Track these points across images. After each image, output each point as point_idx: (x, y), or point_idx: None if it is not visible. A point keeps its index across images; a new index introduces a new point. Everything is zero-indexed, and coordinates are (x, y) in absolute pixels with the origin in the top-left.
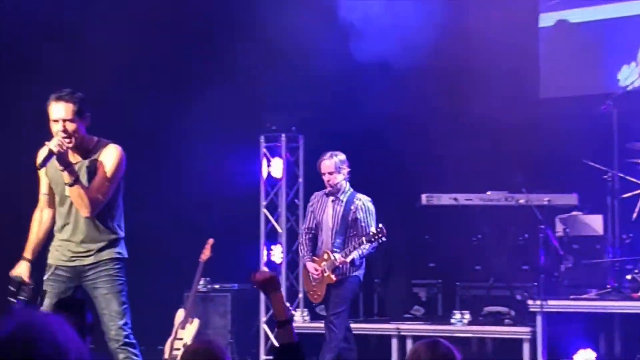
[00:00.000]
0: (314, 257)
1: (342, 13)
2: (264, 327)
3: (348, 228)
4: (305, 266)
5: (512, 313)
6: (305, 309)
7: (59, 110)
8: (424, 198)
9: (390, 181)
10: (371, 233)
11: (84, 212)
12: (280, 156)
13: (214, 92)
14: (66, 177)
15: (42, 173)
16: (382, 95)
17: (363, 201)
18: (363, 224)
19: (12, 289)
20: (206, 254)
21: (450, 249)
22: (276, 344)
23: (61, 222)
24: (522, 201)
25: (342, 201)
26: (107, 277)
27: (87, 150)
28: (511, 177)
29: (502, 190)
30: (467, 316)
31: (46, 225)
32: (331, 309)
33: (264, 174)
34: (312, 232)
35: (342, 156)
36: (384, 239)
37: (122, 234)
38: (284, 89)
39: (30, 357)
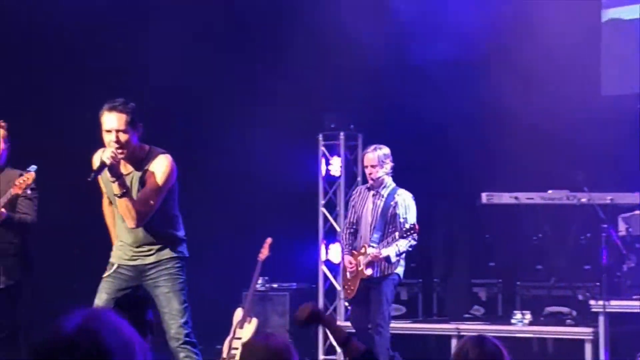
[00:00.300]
0: (353, 252)
1: (400, 9)
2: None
3: (387, 224)
4: (343, 260)
5: (574, 313)
6: None
7: (112, 121)
8: (484, 197)
9: (450, 180)
10: (404, 229)
11: (130, 223)
12: (339, 155)
13: (274, 91)
14: (116, 188)
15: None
16: (442, 93)
17: (404, 197)
18: (402, 220)
19: None
20: (264, 253)
21: (510, 248)
22: (334, 343)
23: (122, 224)
24: (584, 200)
25: (382, 196)
26: (168, 275)
27: (139, 160)
28: (572, 176)
29: (563, 189)
30: (528, 316)
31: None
32: (375, 311)
33: (323, 173)
34: (353, 226)
35: (386, 150)
36: (416, 236)
37: (180, 235)
38: (343, 88)
39: (98, 349)
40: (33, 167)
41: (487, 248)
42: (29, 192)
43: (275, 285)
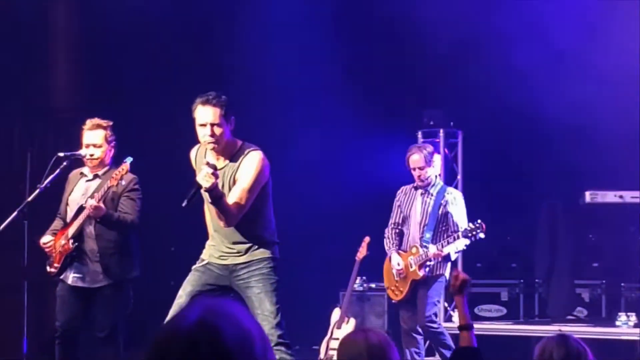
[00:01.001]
0: (400, 252)
1: (502, 8)
2: None
3: (438, 222)
4: (388, 260)
5: None
6: None
7: (207, 114)
8: (587, 196)
9: (553, 178)
10: (469, 228)
11: (224, 224)
12: (438, 152)
13: (372, 88)
14: (207, 197)
15: (194, 166)
16: (542, 91)
17: (454, 195)
18: (454, 219)
19: None
20: (362, 252)
21: (615, 248)
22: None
23: (214, 223)
24: None
25: (432, 194)
26: (260, 276)
27: (231, 155)
28: None
29: None
30: (634, 318)
31: None
32: (424, 312)
33: None
34: (399, 227)
35: (430, 148)
36: (482, 235)
37: (273, 237)
38: (442, 84)
39: (218, 342)
40: (129, 159)
41: (591, 248)
42: (130, 192)
43: (373, 285)
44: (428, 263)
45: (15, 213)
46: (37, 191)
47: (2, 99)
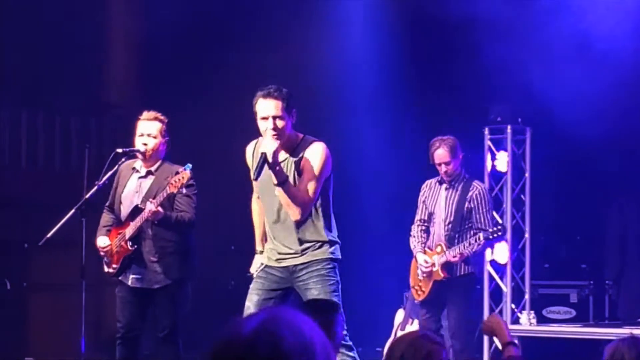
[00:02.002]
0: (427, 250)
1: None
2: None
3: (463, 219)
4: (415, 259)
5: None
6: (532, 312)
7: (269, 107)
8: None
9: (624, 175)
10: (490, 230)
11: (294, 214)
12: (506, 149)
13: (437, 83)
14: (274, 177)
15: (250, 162)
16: (615, 85)
17: (480, 189)
18: (478, 216)
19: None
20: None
21: None
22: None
23: (270, 223)
24: None
25: (456, 189)
26: (319, 277)
27: (292, 148)
28: None
29: None
30: None
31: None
32: (454, 317)
33: (488, 168)
34: (426, 224)
35: (452, 141)
36: (502, 236)
37: (333, 237)
38: (509, 79)
39: (277, 348)
40: (188, 166)
41: None
42: (184, 190)
43: None
44: (455, 263)
45: (72, 210)
46: (94, 188)
47: (59, 96)
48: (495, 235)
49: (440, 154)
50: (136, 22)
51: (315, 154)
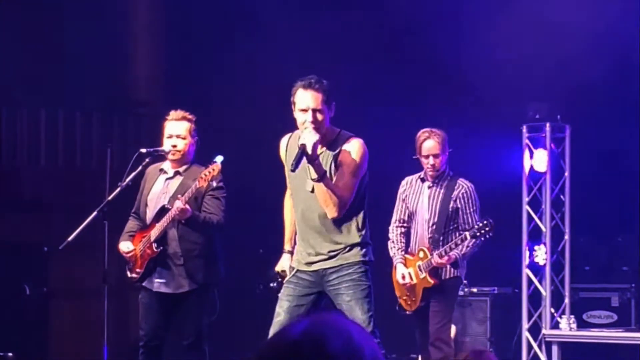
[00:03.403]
0: (407, 256)
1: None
2: (527, 334)
3: (448, 220)
4: (395, 268)
5: None
6: (572, 316)
7: (309, 99)
8: None
9: None
10: (476, 227)
11: (331, 211)
12: (545, 147)
13: (474, 80)
14: (313, 172)
15: (284, 156)
16: None
17: (466, 188)
18: (465, 216)
19: (275, 285)
20: None
21: None
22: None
23: (302, 223)
24: None
25: (441, 187)
26: (350, 281)
27: (329, 142)
28: None
29: None
30: None
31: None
32: (435, 323)
33: (526, 168)
34: (405, 225)
35: (442, 133)
36: (491, 234)
37: (365, 237)
38: (549, 74)
39: (322, 350)
40: (219, 158)
41: None
42: (214, 183)
43: (474, 290)
44: (438, 263)
45: (95, 213)
46: (117, 189)
47: (80, 92)
48: (483, 232)
49: (430, 145)
50: (161, 18)
51: (354, 149)
